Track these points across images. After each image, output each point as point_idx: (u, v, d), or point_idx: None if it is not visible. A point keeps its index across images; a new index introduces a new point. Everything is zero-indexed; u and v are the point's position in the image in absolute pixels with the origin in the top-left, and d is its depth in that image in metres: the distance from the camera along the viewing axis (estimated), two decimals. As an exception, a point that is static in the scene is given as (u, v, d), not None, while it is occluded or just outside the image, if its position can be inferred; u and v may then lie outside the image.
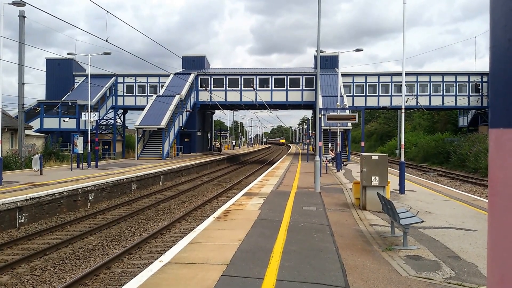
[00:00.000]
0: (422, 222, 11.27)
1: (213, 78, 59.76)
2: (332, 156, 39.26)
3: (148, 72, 61.43)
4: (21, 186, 21.26)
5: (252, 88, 58.20)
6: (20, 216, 17.36)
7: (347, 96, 54.29)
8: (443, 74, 59.00)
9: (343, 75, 57.21)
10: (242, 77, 59.49)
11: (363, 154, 17.11)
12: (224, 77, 59.75)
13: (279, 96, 59.32)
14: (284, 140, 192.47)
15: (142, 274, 8.13)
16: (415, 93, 57.44)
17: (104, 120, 60.60)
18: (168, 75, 57.15)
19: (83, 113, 36.19)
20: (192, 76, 57.81)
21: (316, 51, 23.11)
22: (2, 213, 16.41)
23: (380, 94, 58.85)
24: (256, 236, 11.33)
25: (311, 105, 60.40)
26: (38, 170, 27.77)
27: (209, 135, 75.65)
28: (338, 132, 40.65)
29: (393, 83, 58.43)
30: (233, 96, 59.20)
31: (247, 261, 8.98)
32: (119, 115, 64.10)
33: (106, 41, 19.03)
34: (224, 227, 12.42)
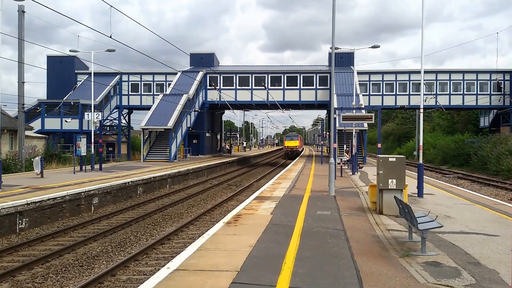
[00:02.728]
0: (441, 227, 11.26)
1: (223, 76, 59.86)
2: (347, 158, 39.20)
3: (155, 70, 61.62)
4: (21, 190, 21.43)
5: (263, 87, 58.25)
6: (20, 221, 17.50)
7: (363, 95, 54.14)
8: (463, 72, 58.73)
9: (359, 73, 57.18)
10: (253, 75, 59.55)
11: (379, 156, 17.08)
12: (234, 75, 59.83)
13: (291, 95, 59.32)
14: (297, 143, 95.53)
15: (148, 282, 8.18)
16: (434, 92, 57.25)
17: (108, 121, 60.91)
18: (175, 73, 57.33)
19: (86, 113, 36.33)
20: (200, 74, 57.95)
21: (331, 48, 23.10)
22: (1, 218, 16.55)
23: (397, 93, 58.68)
24: (268, 241, 11.37)
25: (325, 105, 60.35)
26: (39, 173, 27.96)
27: (218, 136, 75.76)
28: (354, 133, 40.54)
29: (411, 82, 58.23)
30: (243, 95, 59.27)
31: (259, 267, 9.01)
32: (124, 115, 64.37)
33: (110, 37, 19.14)
34: (235, 233, 12.47)
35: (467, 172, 47.32)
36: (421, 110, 22.73)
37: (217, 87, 58.37)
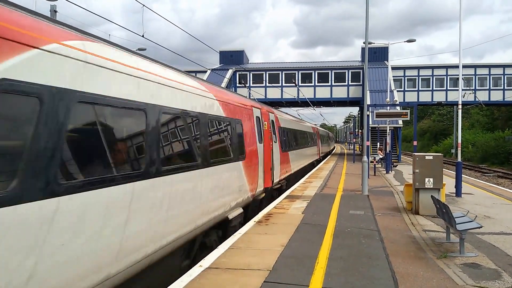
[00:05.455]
0: (481, 227, 11.17)
1: (252, 74, 60.05)
2: (381, 157, 39.02)
3: (185, 68, 62.01)
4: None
5: (294, 84, 58.23)
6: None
7: (397, 91, 53.77)
8: (504, 66, 57.85)
9: (393, 68, 56.76)
10: (283, 72, 59.59)
11: (415, 154, 17.01)
12: (264, 72, 59.97)
13: (323, 92, 59.17)
14: None
15: (181, 279, 8.31)
16: (473, 87, 56.52)
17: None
18: (205, 71, 57.71)
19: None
20: (230, 72, 58.25)
21: (364, 43, 23.02)
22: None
23: (434, 88, 58.11)
24: (299, 241, 11.42)
25: (357, 102, 60.10)
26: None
27: (248, 134, 75.85)
28: (388, 131, 40.33)
29: (448, 77, 57.61)
30: (273, 93, 59.34)
31: (291, 267, 9.09)
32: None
33: (143, 36, 19.30)
34: (266, 232, 12.55)
35: (508, 170, 46.67)
36: (460, 106, 22.51)
37: (246, 85, 58.57)
